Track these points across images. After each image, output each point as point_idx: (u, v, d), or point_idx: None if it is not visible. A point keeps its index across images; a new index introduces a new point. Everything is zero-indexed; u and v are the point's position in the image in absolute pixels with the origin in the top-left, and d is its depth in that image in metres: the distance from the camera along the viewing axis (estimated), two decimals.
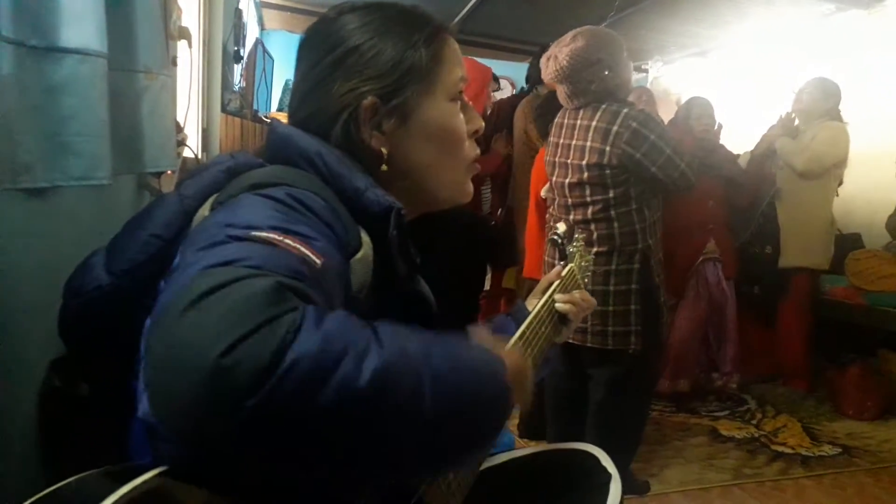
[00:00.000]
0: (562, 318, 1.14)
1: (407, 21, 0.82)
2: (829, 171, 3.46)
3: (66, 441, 0.78)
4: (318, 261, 0.57)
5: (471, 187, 0.89)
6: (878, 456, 2.86)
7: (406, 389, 0.50)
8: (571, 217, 2.33)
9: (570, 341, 2.29)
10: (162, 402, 0.46)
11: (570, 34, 2.27)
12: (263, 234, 0.56)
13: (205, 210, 0.71)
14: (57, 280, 0.77)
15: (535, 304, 1.10)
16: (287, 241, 0.56)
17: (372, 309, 0.70)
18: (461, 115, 0.85)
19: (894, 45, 3.92)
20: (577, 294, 1.16)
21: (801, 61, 4.36)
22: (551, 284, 1.16)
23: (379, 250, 0.71)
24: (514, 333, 0.97)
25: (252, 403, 0.44)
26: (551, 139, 2.43)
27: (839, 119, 3.51)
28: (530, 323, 1.01)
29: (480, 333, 0.82)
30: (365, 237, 0.71)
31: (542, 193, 2.79)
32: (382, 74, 0.78)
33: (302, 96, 0.82)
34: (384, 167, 0.79)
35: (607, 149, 2.18)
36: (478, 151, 0.89)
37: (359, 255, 0.68)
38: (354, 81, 0.77)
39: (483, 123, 0.90)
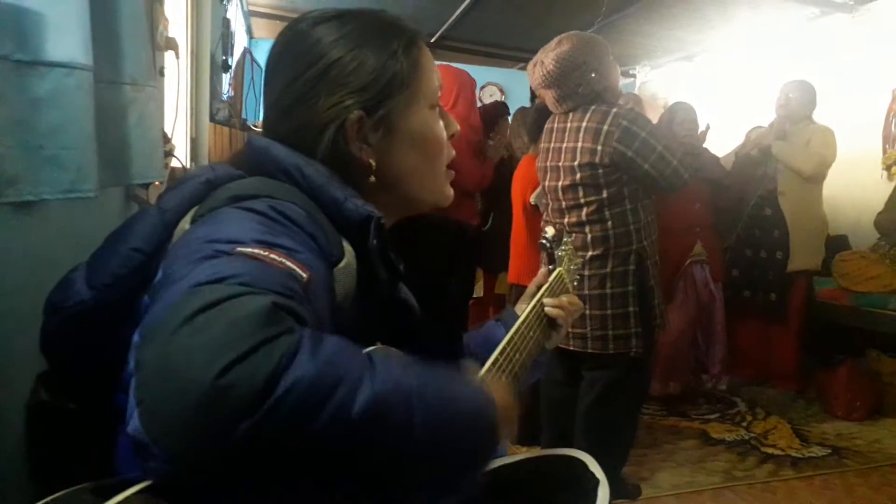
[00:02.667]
0: (551, 323, 1.13)
1: (384, 30, 0.82)
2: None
3: (54, 455, 0.77)
4: (304, 274, 0.57)
5: (451, 191, 0.90)
6: (868, 456, 2.88)
7: (397, 421, 0.50)
8: (566, 220, 2.33)
9: (570, 348, 2.30)
10: (154, 420, 0.46)
11: (554, 40, 2.30)
12: (249, 248, 0.56)
13: (185, 223, 0.70)
14: (44, 294, 0.76)
15: (523, 309, 1.10)
16: (272, 255, 0.56)
17: (356, 317, 0.71)
18: (441, 122, 0.86)
19: (877, 48, 3.96)
20: (564, 298, 1.15)
21: (786, 65, 4.40)
22: (539, 288, 1.15)
23: (361, 259, 0.72)
24: (502, 338, 0.97)
25: (246, 426, 0.44)
26: (542, 144, 2.44)
27: (813, 120, 3.56)
28: (518, 328, 1.01)
29: (472, 369, 0.83)
30: (347, 247, 0.71)
31: (532, 200, 2.80)
32: (366, 86, 0.78)
33: (282, 111, 0.80)
34: (372, 178, 0.80)
35: (599, 148, 2.19)
36: (454, 153, 0.90)
37: (341, 264, 0.69)
38: (338, 95, 0.77)
39: (458, 127, 0.91)
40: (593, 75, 2.23)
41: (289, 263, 0.57)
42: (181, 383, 0.45)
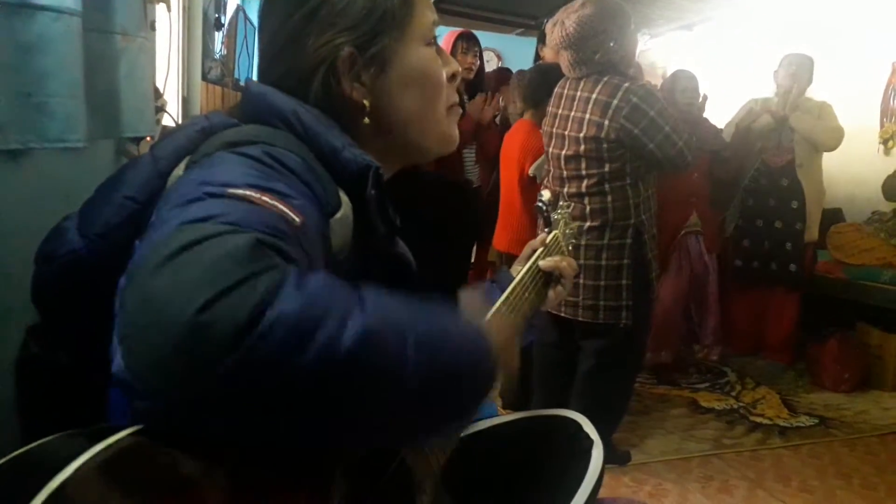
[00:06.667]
0: (546, 285, 1.12)
1: None
2: None
3: (46, 409, 0.76)
4: (297, 218, 0.56)
5: (456, 134, 0.87)
6: (854, 427, 2.92)
7: (389, 354, 0.49)
8: (566, 190, 2.33)
9: (562, 314, 2.31)
10: (137, 357, 0.45)
11: (579, 1, 2.24)
12: (240, 191, 0.55)
13: (179, 170, 0.69)
14: (32, 245, 0.75)
15: (519, 271, 1.08)
16: (265, 198, 0.55)
17: (352, 270, 0.69)
18: (439, 60, 0.83)
19: (878, 20, 3.92)
20: (559, 258, 1.13)
21: (785, 36, 4.35)
22: (535, 251, 1.13)
23: (358, 211, 0.70)
24: (497, 300, 0.96)
25: (229, 361, 0.43)
26: (550, 109, 2.41)
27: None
28: (514, 289, 1.00)
29: (470, 298, 0.81)
30: (344, 198, 0.69)
31: (531, 171, 2.76)
32: (357, 24, 0.75)
33: (273, 55, 0.79)
34: (367, 120, 0.78)
35: (606, 123, 2.17)
36: (457, 97, 0.87)
37: (338, 214, 0.67)
38: (329, 34, 0.75)
39: (458, 66, 0.88)
40: (612, 44, 2.20)
41: (281, 207, 0.55)
42: (162, 320, 0.44)
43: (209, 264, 0.45)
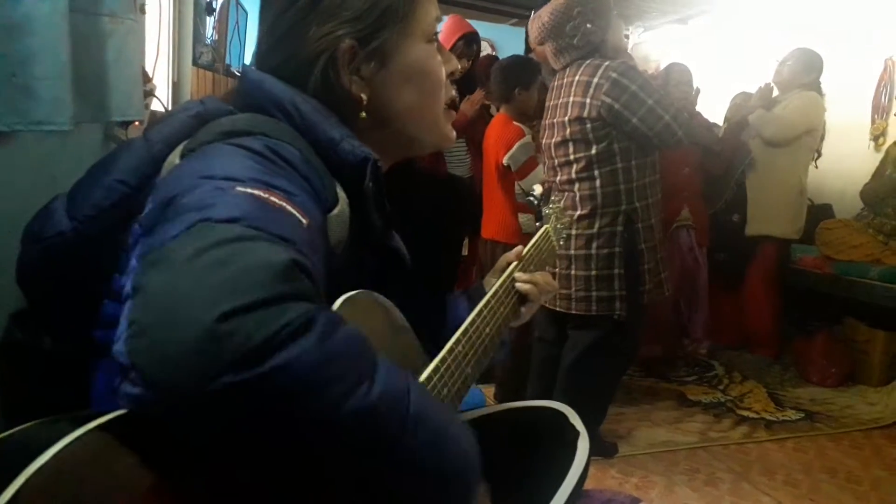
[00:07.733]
0: (521, 300, 1.05)
1: None
2: (800, 139, 3.45)
3: (28, 395, 0.75)
4: (304, 220, 0.55)
5: (452, 132, 0.87)
6: (840, 421, 2.94)
7: (385, 435, 0.49)
8: (558, 178, 2.32)
9: (555, 309, 2.31)
10: (139, 344, 0.44)
11: None
12: (248, 189, 0.54)
13: (174, 157, 0.67)
14: (15, 229, 0.74)
15: (492, 284, 1.01)
16: (273, 198, 0.54)
17: (348, 264, 0.69)
18: (439, 57, 0.83)
19: (870, 17, 3.92)
20: (538, 276, 1.07)
21: (778, 30, 4.35)
22: (510, 264, 1.07)
23: (354, 205, 0.70)
24: (468, 314, 0.90)
25: (226, 381, 0.42)
26: (546, 103, 2.42)
27: (818, 91, 3.51)
28: (487, 302, 0.94)
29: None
30: (341, 192, 0.68)
31: (504, 161, 2.77)
32: (359, 16, 0.75)
33: (273, 43, 0.78)
34: (363, 114, 0.77)
35: (587, 101, 2.16)
36: (454, 94, 0.87)
37: (335, 210, 0.66)
38: (330, 25, 0.74)
39: (458, 65, 0.87)
40: (589, 26, 2.19)
41: (289, 208, 0.55)
42: (179, 315, 0.43)
43: (239, 272, 0.45)
